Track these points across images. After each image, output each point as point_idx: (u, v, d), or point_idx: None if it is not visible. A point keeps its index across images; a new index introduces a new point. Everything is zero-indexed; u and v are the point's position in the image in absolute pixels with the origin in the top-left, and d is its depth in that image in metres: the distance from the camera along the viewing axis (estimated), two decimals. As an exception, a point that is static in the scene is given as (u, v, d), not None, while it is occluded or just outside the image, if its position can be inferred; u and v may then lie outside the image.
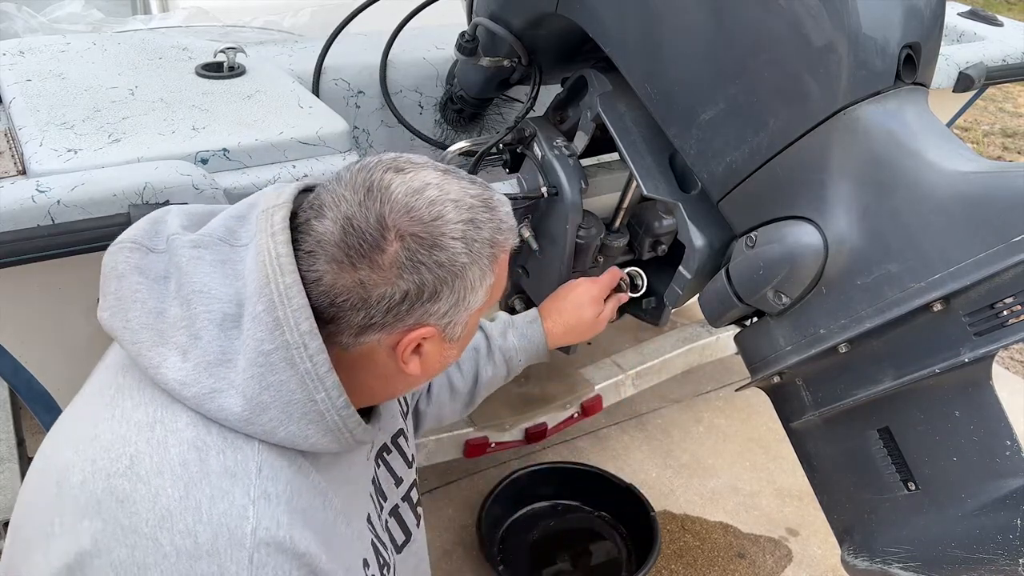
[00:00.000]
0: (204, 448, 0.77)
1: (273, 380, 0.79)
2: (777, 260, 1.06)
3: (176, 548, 0.73)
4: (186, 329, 0.80)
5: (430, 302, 0.83)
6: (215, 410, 0.78)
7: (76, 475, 0.77)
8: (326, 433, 0.83)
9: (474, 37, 1.45)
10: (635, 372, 2.15)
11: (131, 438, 0.78)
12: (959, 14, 2.22)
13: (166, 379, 0.79)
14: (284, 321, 0.79)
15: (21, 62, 1.46)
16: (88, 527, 0.75)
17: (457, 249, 0.83)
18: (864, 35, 0.98)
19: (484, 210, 0.86)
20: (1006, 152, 4.83)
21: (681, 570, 2.00)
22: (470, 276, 0.85)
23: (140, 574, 0.72)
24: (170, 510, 0.74)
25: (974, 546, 0.99)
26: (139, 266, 0.85)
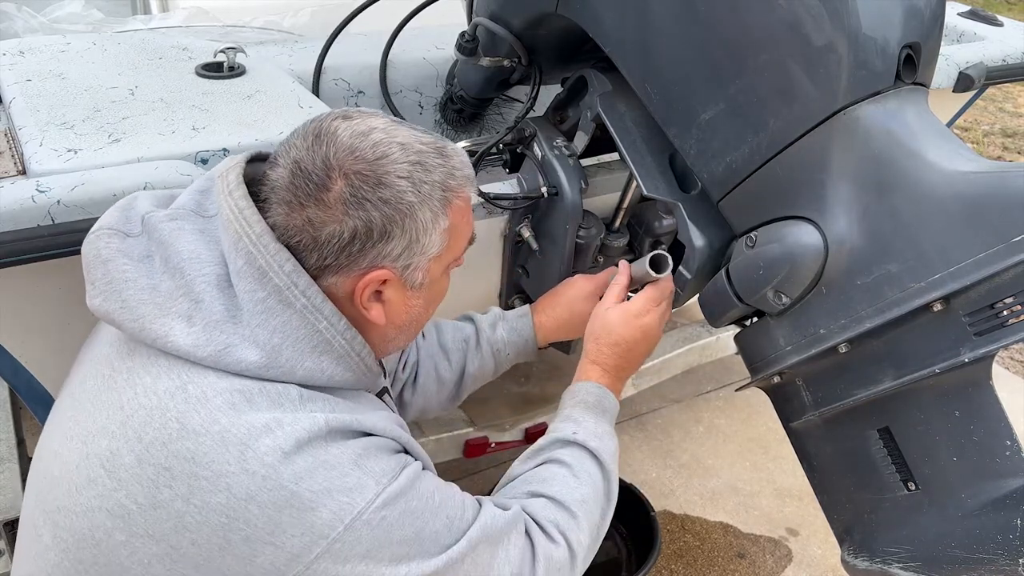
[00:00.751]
0: (243, 390, 0.82)
1: (277, 323, 0.83)
2: (777, 260, 1.06)
3: (269, 466, 0.78)
4: (185, 296, 0.83)
5: (381, 242, 0.86)
6: (233, 363, 0.82)
7: (127, 457, 0.81)
8: (339, 361, 0.87)
9: (474, 37, 1.45)
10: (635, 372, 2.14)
11: (168, 405, 0.81)
12: (959, 14, 2.22)
13: (177, 346, 0.82)
14: (268, 268, 0.82)
15: (21, 62, 1.46)
16: (170, 495, 0.78)
17: (403, 187, 0.85)
18: (864, 35, 0.98)
19: (435, 155, 0.88)
20: (1006, 152, 4.83)
21: (681, 570, 2.00)
22: (420, 217, 0.87)
23: (251, 504, 0.78)
24: (244, 442, 0.78)
25: (974, 546, 0.99)
26: (121, 249, 0.87)
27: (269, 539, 0.78)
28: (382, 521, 0.81)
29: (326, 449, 0.81)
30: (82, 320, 1.22)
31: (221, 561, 0.79)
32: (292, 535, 0.78)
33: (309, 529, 0.78)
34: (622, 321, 1.18)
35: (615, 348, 1.18)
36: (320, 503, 0.79)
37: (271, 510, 0.78)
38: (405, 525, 0.83)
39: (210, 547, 0.78)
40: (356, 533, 0.80)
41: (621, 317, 1.19)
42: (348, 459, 0.82)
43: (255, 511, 0.78)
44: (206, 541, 0.78)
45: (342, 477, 0.81)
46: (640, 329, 1.19)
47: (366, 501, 0.80)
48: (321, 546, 0.79)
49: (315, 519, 0.79)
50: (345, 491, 0.80)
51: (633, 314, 1.19)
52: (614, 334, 1.18)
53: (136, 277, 0.85)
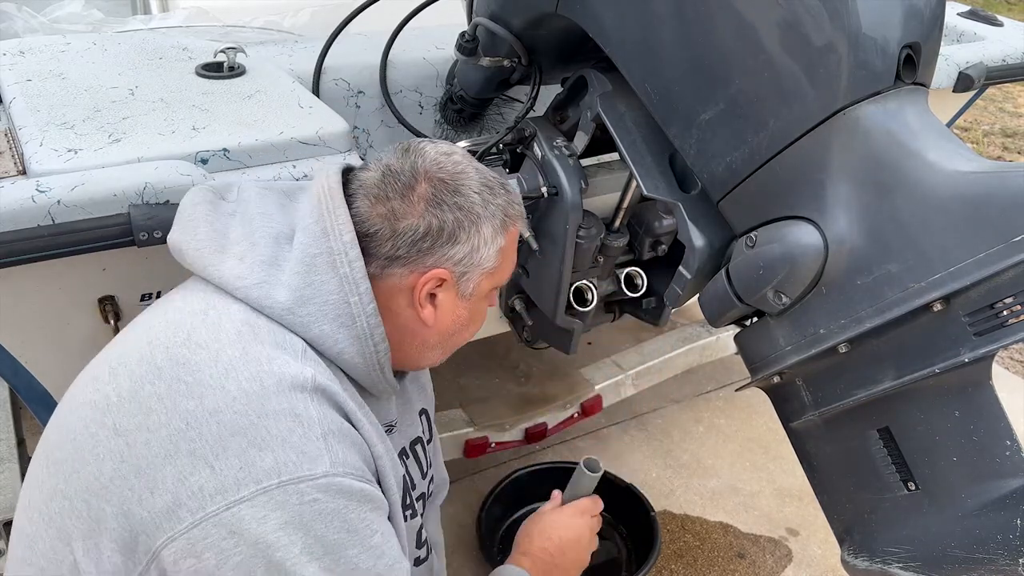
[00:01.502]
0: (255, 325, 0.89)
1: (315, 279, 0.91)
2: (777, 260, 1.06)
3: (244, 392, 0.82)
4: (245, 240, 0.94)
5: (448, 244, 0.96)
6: (262, 297, 0.89)
7: (132, 356, 0.88)
8: (354, 341, 0.93)
9: (474, 37, 1.45)
10: (635, 372, 2.15)
11: (185, 320, 0.90)
12: (959, 14, 2.22)
13: (222, 273, 0.91)
14: (330, 230, 0.92)
15: (21, 62, 1.46)
16: (151, 391, 0.83)
17: (475, 200, 0.97)
18: (864, 35, 0.98)
19: (500, 187, 1.02)
20: (1006, 152, 4.83)
21: (681, 570, 2.00)
22: (484, 230, 0.98)
23: (213, 418, 0.81)
24: (233, 364, 0.84)
25: (974, 546, 0.99)
26: (212, 202, 0.99)
27: (211, 459, 0.80)
28: (314, 503, 0.81)
29: (305, 405, 0.84)
30: (82, 320, 1.22)
31: (161, 471, 0.81)
32: (231, 465, 0.80)
33: (248, 466, 0.80)
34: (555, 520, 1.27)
35: (546, 544, 1.24)
36: (270, 447, 0.81)
37: (226, 432, 0.81)
38: (332, 527, 0.82)
39: (158, 452, 0.81)
40: (285, 496, 0.80)
41: (555, 516, 1.28)
42: (319, 428, 0.84)
43: (212, 427, 0.81)
44: (158, 444, 0.81)
45: (304, 438, 0.82)
46: (573, 528, 1.26)
47: (311, 473, 0.81)
48: (250, 489, 0.79)
49: (257, 459, 0.80)
50: (299, 451, 0.81)
51: (567, 514, 1.28)
52: (546, 531, 1.25)
53: (213, 221, 0.96)
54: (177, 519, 0.79)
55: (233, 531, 0.79)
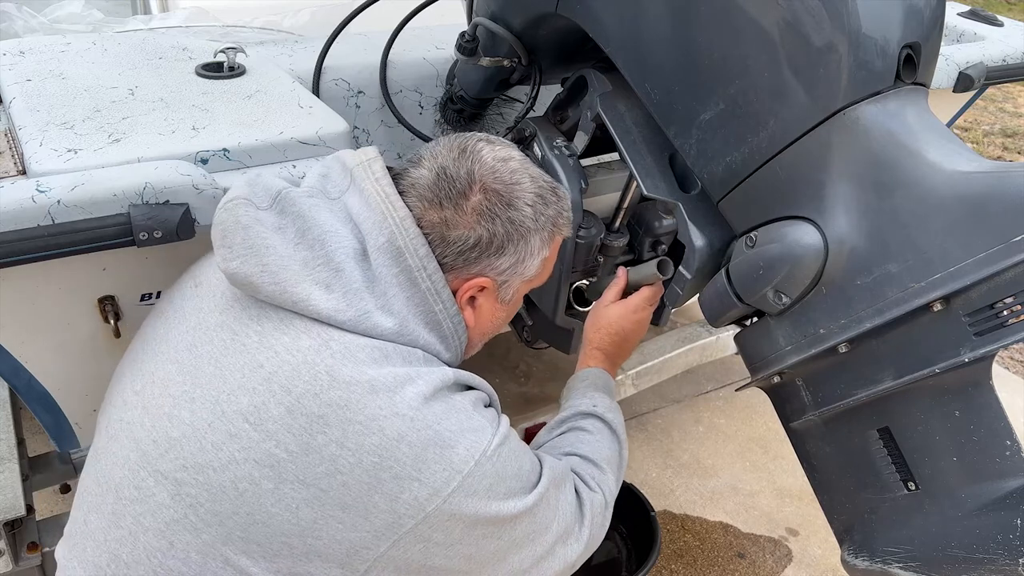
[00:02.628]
0: (381, 348, 0.92)
1: (404, 297, 0.94)
2: (777, 260, 1.06)
3: (414, 409, 0.89)
4: (324, 265, 0.92)
5: (495, 255, 0.98)
6: (371, 327, 0.92)
7: (274, 409, 0.88)
8: (443, 341, 0.98)
9: (474, 37, 1.45)
10: (635, 372, 2.15)
11: (315, 360, 0.90)
12: (959, 14, 2.22)
13: (318, 309, 0.91)
14: (405, 248, 0.94)
15: (21, 62, 1.46)
16: (323, 440, 0.86)
17: (527, 213, 0.99)
18: (864, 35, 0.98)
19: (552, 194, 1.03)
20: (1006, 152, 4.83)
21: (681, 570, 2.00)
22: (532, 242, 1.00)
23: (401, 443, 0.88)
24: (391, 389, 0.89)
25: (974, 546, 0.98)
26: (258, 218, 0.94)
27: (416, 475, 0.88)
28: (499, 457, 0.93)
29: (452, 397, 0.94)
30: (82, 320, 1.22)
31: (369, 500, 0.88)
32: (435, 471, 0.89)
33: (449, 464, 0.89)
34: (622, 314, 1.31)
35: (615, 337, 1.31)
36: (456, 441, 0.90)
37: (419, 448, 0.88)
38: (512, 462, 0.96)
39: (360, 487, 0.87)
40: (483, 468, 0.91)
41: (622, 310, 1.31)
42: (469, 405, 0.95)
43: (405, 450, 0.88)
44: (356, 482, 0.87)
45: (468, 419, 0.93)
46: (636, 323, 1.31)
47: (488, 439, 0.93)
48: (457, 480, 0.89)
49: (453, 455, 0.90)
50: (473, 431, 0.92)
51: (631, 309, 1.31)
52: (614, 324, 1.31)
53: (275, 244, 0.93)
54: (399, 526, 0.89)
55: (453, 514, 0.90)
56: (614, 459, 1.18)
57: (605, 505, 1.12)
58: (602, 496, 1.12)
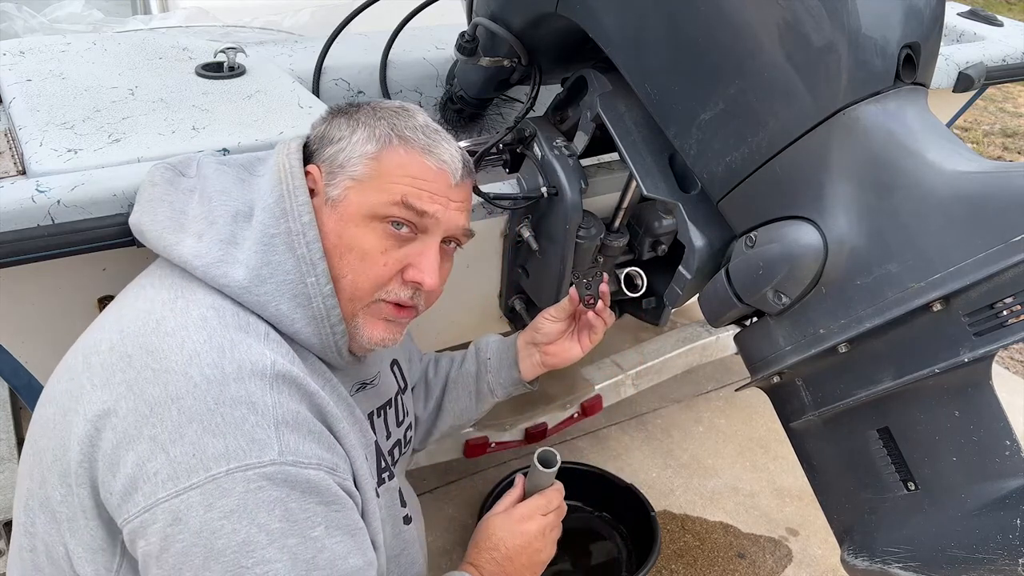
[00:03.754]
0: (220, 308, 0.90)
1: (273, 259, 0.92)
2: (777, 260, 1.06)
3: (205, 378, 0.83)
4: (203, 219, 0.95)
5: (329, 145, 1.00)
6: (220, 276, 0.91)
7: (104, 344, 0.88)
8: (311, 321, 0.94)
9: (474, 37, 1.45)
10: (635, 372, 2.15)
11: (155, 309, 0.90)
12: (959, 14, 2.22)
13: (181, 253, 0.92)
14: (290, 212, 0.94)
15: (21, 62, 1.46)
16: (121, 378, 0.84)
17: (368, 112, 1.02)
18: (864, 35, 0.98)
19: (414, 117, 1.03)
20: (1006, 152, 4.83)
21: (681, 570, 2.00)
22: (358, 133, 0.99)
23: (174, 404, 0.82)
24: (197, 351, 0.84)
25: (974, 546, 0.98)
26: (170, 180, 1.01)
27: (168, 446, 0.80)
28: (259, 490, 0.80)
29: (262, 392, 0.84)
30: (82, 320, 1.22)
31: (123, 454, 0.82)
32: (185, 452, 0.80)
33: (199, 453, 0.80)
34: (502, 526, 1.14)
35: (492, 553, 1.12)
36: (223, 434, 0.80)
37: (184, 418, 0.81)
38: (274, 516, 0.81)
39: (124, 436, 0.82)
40: (232, 484, 0.79)
41: (502, 522, 1.14)
42: (272, 416, 0.83)
43: (173, 413, 0.81)
44: (124, 429, 0.82)
45: (255, 426, 0.82)
46: (522, 535, 1.13)
47: (259, 460, 0.81)
48: (199, 476, 0.79)
49: (209, 446, 0.80)
50: (249, 438, 0.81)
51: (515, 519, 1.14)
52: (492, 538, 1.13)
53: (173, 201, 0.98)
54: (133, 503, 0.81)
55: (178, 518, 0.79)
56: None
57: None
58: None
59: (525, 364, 1.36)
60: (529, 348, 1.37)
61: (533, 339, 1.35)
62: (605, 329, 1.33)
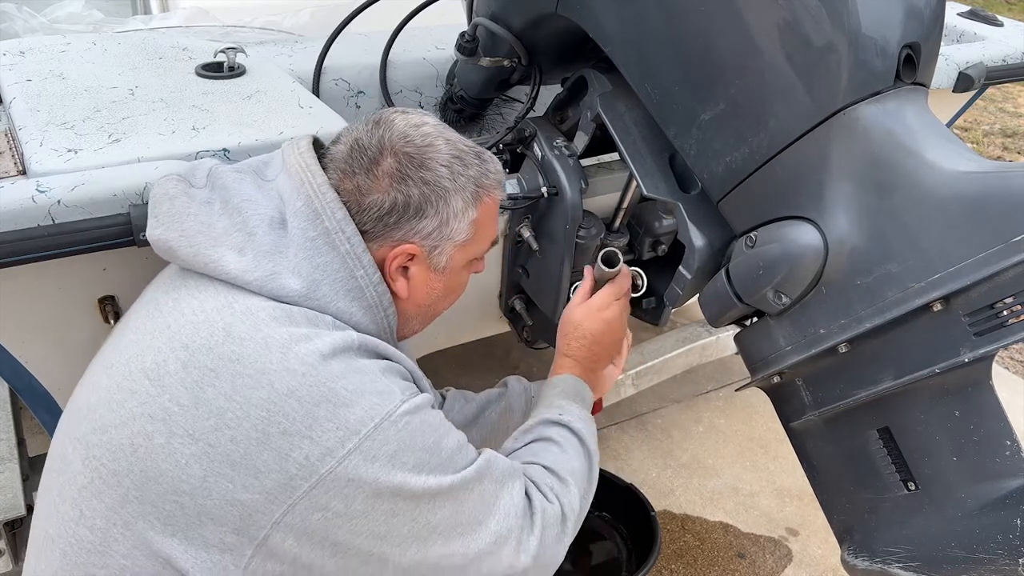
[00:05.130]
0: (286, 308, 0.91)
1: (320, 261, 0.93)
2: (777, 260, 1.06)
3: (307, 364, 0.86)
4: (240, 231, 0.94)
5: (416, 218, 0.98)
6: (277, 288, 0.92)
7: (172, 365, 0.90)
8: (366, 311, 0.97)
9: (474, 37, 1.45)
10: (635, 372, 2.14)
11: (214, 318, 0.90)
12: (959, 14, 2.22)
13: (227, 270, 0.92)
14: (322, 211, 0.94)
15: (21, 62, 1.46)
16: (213, 393, 0.85)
17: (442, 173, 0.98)
18: (864, 35, 0.98)
19: (473, 156, 1.02)
20: (1006, 152, 4.83)
21: (681, 570, 2.00)
22: (453, 203, 0.99)
23: (291, 397, 0.85)
24: (285, 345, 0.87)
25: (974, 546, 0.99)
26: (186, 192, 0.99)
27: (306, 432, 0.85)
28: (406, 425, 0.89)
29: (357, 359, 0.90)
30: (82, 320, 1.22)
31: (258, 457, 0.85)
32: (327, 429, 0.85)
33: (343, 424, 0.85)
34: (585, 315, 1.25)
35: (582, 341, 1.24)
36: (354, 401, 0.87)
37: (309, 404, 0.85)
38: (426, 434, 0.91)
39: (248, 442, 0.85)
40: (384, 433, 0.87)
41: (585, 312, 1.25)
42: (376, 369, 0.91)
43: (295, 405, 0.85)
44: (244, 437, 0.85)
45: (372, 382, 0.89)
46: (603, 321, 1.24)
47: (393, 404, 0.88)
48: (353, 442, 0.85)
49: (349, 415, 0.86)
50: (376, 393, 0.89)
51: (595, 308, 1.25)
52: (580, 328, 1.24)
53: (196, 213, 0.96)
54: (292, 488, 0.85)
55: (351, 479, 0.86)
56: (581, 472, 1.10)
57: (562, 519, 1.04)
58: (559, 508, 1.03)
59: None
60: None
61: None
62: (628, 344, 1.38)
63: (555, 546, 1.03)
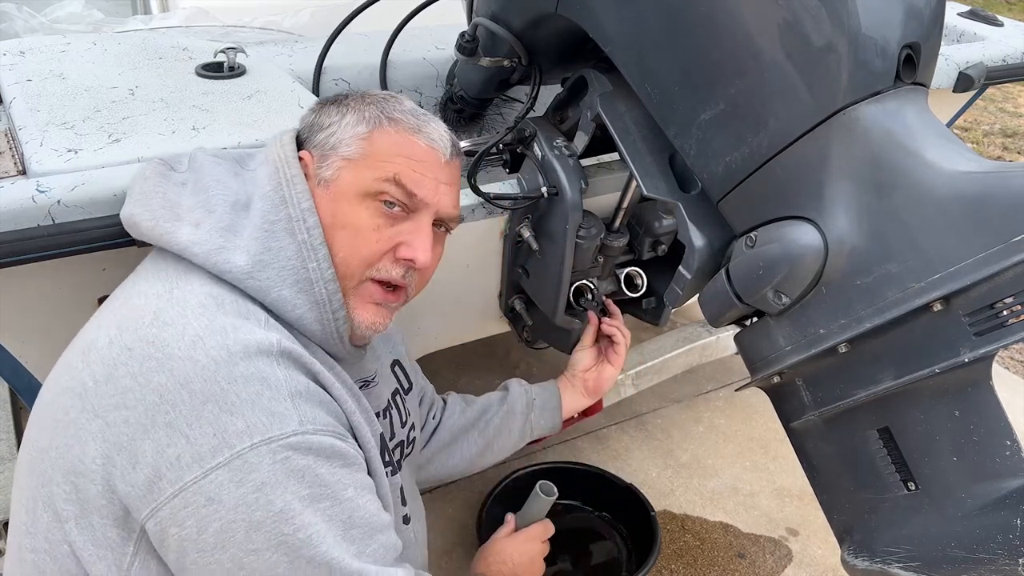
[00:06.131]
0: (219, 297, 0.90)
1: (274, 245, 0.93)
2: (777, 260, 1.06)
3: (212, 359, 0.83)
4: (201, 207, 0.95)
5: (320, 132, 1.02)
6: (221, 263, 0.91)
7: (101, 341, 0.88)
8: (313, 306, 0.94)
9: (474, 37, 1.45)
10: (635, 372, 2.14)
11: (151, 303, 0.90)
12: (959, 14, 2.22)
13: (179, 240, 0.92)
14: (289, 199, 0.95)
15: (21, 62, 1.46)
16: (124, 371, 0.84)
17: (358, 98, 1.03)
18: (864, 35, 0.98)
19: (403, 103, 1.04)
20: (1006, 152, 4.83)
21: (681, 570, 2.00)
22: (347, 117, 1.01)
23: (184, 388, 0.82)
24: (199, 335, 0.84)
25: (974, 546, 0.99)
26: (162, 174, 1.01)
27: (186, 430, 0.81)
28: (286, 460, 0.82)
29: (271, 368, 0.85)
30: (82, 320, 1.22)
31: (140, 444, 0.81)
32: (205, 433, 0.81)
33: (221, 432, 0.81)
34: (511, 545, 1.36)
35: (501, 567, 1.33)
36: (240, 411, 0.81)
37: (198, 400, 0.81)
38: (304, 483, 0.83)
39: (136, 426, 0.82)
40: (258, 458, 0.81)
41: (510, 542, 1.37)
42: (287, 388, 0.85)
43: (185, 397, 0.81)
44: (136, 420, 0.82)
45: (272, 399, 0.83)
46: (527, 553, 1.36)
47: (282, 431, 0.82)
48: (224, 455, 0.80)
49: (229, 424, 0.81)
50: (268, 412, 0.83)
51: (520, 540, 1.38)
52: (502, 554, 1.34)
53: (165, 192, 0.98)
54: (159, 491, 0.81)
55: (211, 498, 0.80)
56: None
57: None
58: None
59: (569, 399, 1.52)
60: (569, 384, 1.52)
61: (572, 374, 1.52)
62: (626, 343, 1.50)
63: None
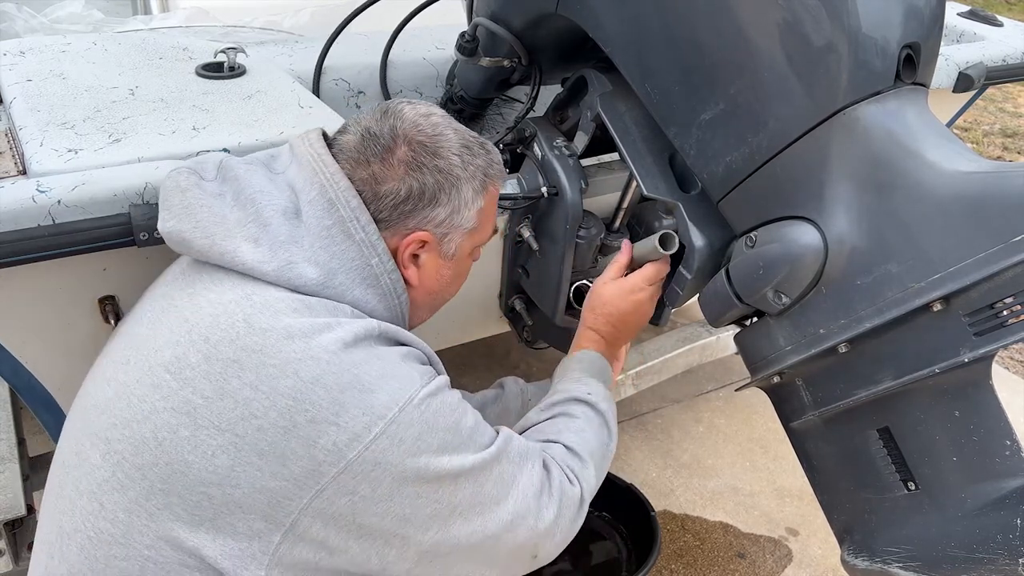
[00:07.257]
0: (304, 300, 0.92)
1: (336, 250, 0.95)
2: (777, 260, 1.06)
3: (331, 352, 0.88)
4: (254, 222, 0.95)
5: (429, 207, 1.00)
6: (295, 278, 0.93)
7: (193, 358, 0.90)
8: (381, 298, 0.98)
9: (474, 37, 1.45)
10: (635, 372, 2.14)
11: (234, 310, 0.91)
12: (959, 14, 2.22)
13: (243, 260, 0.92)
14: (336, 200, 0.95)
15: (21, 62, 1.46)
16: (238, 384, 0.86)
17: (454, 162, 1.01)
18: (864, 35, 0.98)
19: (479, 147, 1.05)
20: (1006, 152, 4.83)
21: (681, 570, 2.00)
22: (464, 191, 1.01)
23: (316, 385, 0.86)
24: (307, 335, 0.88)
25: (974, 546, 0.99)
26: (198, 184, 0.99)
27: (333, 419, 0.86)
28: (428, 407, 0.90)
29: (377, 347, 0.92)
30: (82, 320, 1.22)
31: (285, 445, 0.86)
32: (354, 415, 0.86)
33: (369, 409, 0.87)
34: (617, 294, 1.26)
35: (610, 318, 1.27)
36: (378, 386, 0.88)
37: (335, 391, 0.86)
38: (446, 415, 0.93)
39: (275, 431, 0.86)
40: (409, 416, 0.89)
41: (616, 290, 1.27)
42: (396, 356, 0.93)
43: (321, 392, 0.86)
44: (271, 425, 0.86)
45: (394, 368, 0.91)
46: (633, 303, 1.26)
47: (415, 388, 0.90)
48: (379, 426, 0.87)
49: (374, 400, 0.87)
50: (398, 378, 0.90)
51: (627, 289, 1.26)
52: (609, 305, 1.27)
53: (211, 204, 0.96)
54: (320, 474, 0.86)
55: (378, 463, 0.87)
56: (599, 452, 1.14)
57: (581, 502, 1.07)
58: (579, 490, 1.06)
59: None
60: None
61: None
62: None
63: (571, 525, 1.06)
